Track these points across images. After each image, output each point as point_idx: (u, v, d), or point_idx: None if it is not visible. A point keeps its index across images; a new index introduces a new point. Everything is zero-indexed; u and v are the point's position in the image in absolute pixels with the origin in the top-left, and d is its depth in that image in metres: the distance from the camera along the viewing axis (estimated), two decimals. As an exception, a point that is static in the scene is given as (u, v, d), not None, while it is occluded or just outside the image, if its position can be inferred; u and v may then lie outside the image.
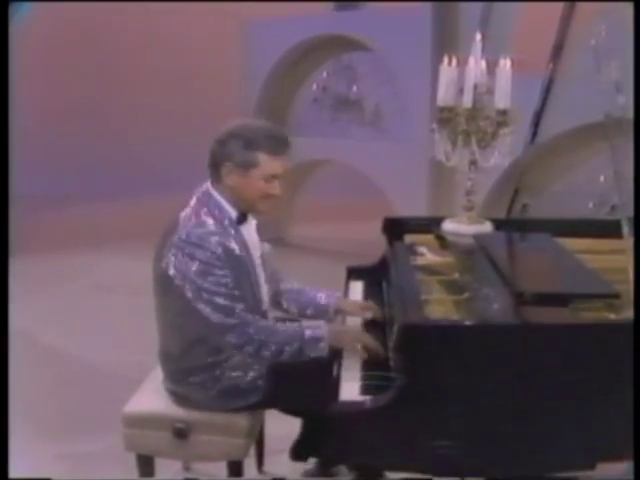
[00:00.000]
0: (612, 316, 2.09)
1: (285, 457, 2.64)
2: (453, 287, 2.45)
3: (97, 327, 4.75)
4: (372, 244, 3.21)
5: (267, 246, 2.61)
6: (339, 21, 6.46)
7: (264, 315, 2.54)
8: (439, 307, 2.28)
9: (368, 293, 2.94)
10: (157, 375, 2.63)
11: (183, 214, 2.41)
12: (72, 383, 3.96)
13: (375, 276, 3.03)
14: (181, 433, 2.44)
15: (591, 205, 4.64)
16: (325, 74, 6.66)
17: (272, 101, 6.86)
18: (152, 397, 2.56)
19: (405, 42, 5.85)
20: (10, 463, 2.29)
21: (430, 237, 3.02)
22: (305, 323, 2.42)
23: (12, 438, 2.37)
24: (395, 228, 3.12)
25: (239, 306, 2.34)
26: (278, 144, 2.41)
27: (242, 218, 2.46)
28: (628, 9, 3.52)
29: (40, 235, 7.03)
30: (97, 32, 8.72)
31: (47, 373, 4.08)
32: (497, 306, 2.11)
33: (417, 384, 1.89)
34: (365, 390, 2.08)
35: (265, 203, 2.45)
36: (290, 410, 2.59)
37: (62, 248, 6.65)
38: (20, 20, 6.32)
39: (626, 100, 3.34)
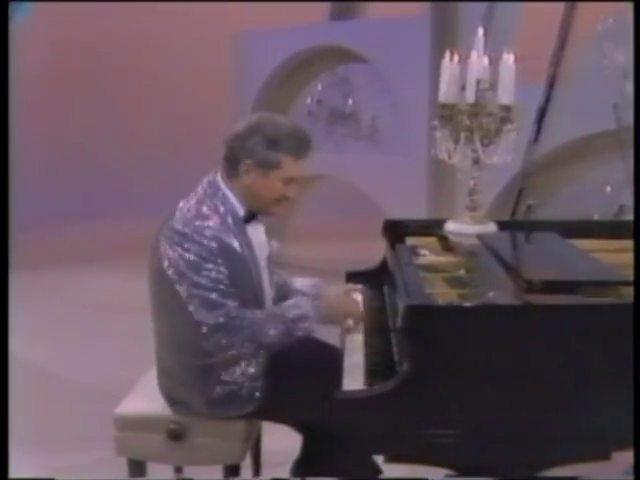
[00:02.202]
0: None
1: (283, 470, 2.69)
2: (458, 282, 2.48)
3: (82, 344, 4.79)
4: (369, 264, 3.21)
5: (275, 244, 2.63)
6: (334, 31, 6.55)
7: None
8: (444, 299, 2.31)
9: (368, 297, 2.96)
10: (151, 376, 2.64)
11: (182, 203, 2.41)
12: (58, 399, 3.97)
13: (375, 280, 3.06)
14: (176, 435, 2.44)
15: (596, 217, 4.69)
16: (320, 87, 6.74)
17: (265, 115, 6.91)
18: (146, 398, 2.56)
19: (403, 53, 5.93)
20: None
21: (432, 240, 3.05)
22: (286, 304, 2.44)
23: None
24: (396, 231, 3.15)
25: (231, 303, 2.31)
26: (302, 146, 2.41)
27: (250, 217, 2.45)
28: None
29: (23, 254, 7.04)
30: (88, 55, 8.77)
31: (32, 390, 4.08)
32: (505, 295, 2.14)
33: (423, 367, 1.92)
34: (369, 383, 2.10)
35: (279, 205, 2.45)
36: (289, 421, 2.57)
37: (45, 266, 6.67)
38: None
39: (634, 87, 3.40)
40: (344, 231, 7.66)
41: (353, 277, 3.17)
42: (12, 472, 2.95)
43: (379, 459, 2.17)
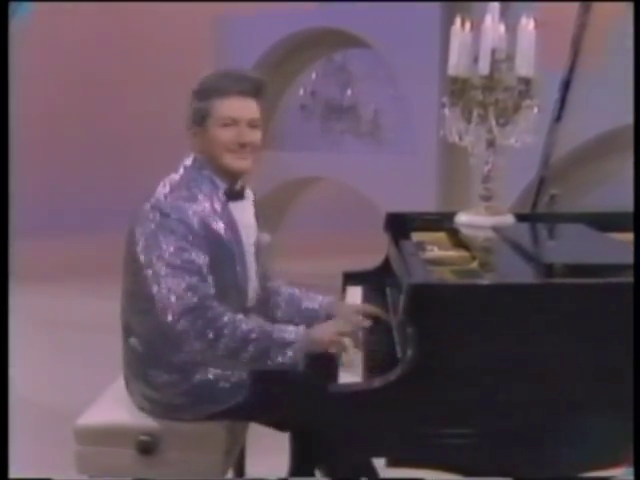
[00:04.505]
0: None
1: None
2: (469, 274, 2.50)
3: (42, 364, 4.90)
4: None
5: (267, 236, 2.65)
6: (330, 13, 6.57)
7: (246, 314, 2.52)
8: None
9: (368, 300, 2.98)
10: (117, 386, 2.65)
11: (161, 185, 2.44)
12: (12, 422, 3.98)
13: (377, 281, 3.08)
14: (146, 448, 2.43)
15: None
16: (314, 76, 6.76)
17: (252, 109, 6.95)
18: (112, 407, 2.56)
19: (409, 37, 5.97)
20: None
21: (441, 235, 3.06)
22: (277, 325, 2.41)
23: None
24: (400, 225, 3.17)
25: (208, 290, 2.31)
26: (229, 82, 2.45)
27: (231, 193, 2.49)
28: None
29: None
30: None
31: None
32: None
33: (429, 356, 1.94)
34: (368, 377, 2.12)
35: (235, 157, 2.45)
36: (277, 422, 2.58)
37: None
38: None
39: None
40: (342, 241, 7.66)
41: (352, 278, 3.19)
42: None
43: (380, 462, 2.18)
